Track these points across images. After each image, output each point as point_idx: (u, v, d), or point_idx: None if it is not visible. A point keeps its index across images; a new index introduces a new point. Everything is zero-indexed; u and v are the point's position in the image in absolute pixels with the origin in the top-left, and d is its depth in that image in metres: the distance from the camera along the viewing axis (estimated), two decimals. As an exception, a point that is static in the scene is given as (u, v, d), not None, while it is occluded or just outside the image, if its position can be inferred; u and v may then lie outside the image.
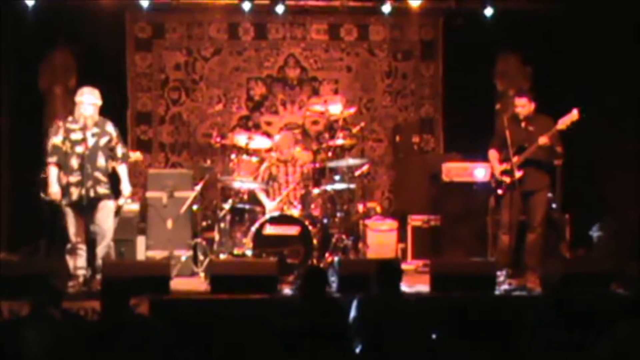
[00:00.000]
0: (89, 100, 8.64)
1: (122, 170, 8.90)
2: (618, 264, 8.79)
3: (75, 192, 8.58)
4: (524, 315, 7.71)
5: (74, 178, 8.58)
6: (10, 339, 5.91)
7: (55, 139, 8.66)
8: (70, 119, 8.75)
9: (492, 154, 9.45)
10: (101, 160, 8.68)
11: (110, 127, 8.80)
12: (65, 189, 8.61)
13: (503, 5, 11.32)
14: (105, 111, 8.92)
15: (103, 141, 8.71)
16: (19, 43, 11.03)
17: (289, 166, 9.99)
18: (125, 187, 8.89)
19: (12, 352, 5.87)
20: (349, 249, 9.72)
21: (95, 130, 8.67)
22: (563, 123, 9.02)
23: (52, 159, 8.65)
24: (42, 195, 9.24)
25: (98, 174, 8.64)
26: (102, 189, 8.67)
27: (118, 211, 9.06)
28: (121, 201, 9.03)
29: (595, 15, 10.65)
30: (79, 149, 8.58)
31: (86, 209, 8.62)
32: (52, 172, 8.65)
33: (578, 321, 6.19)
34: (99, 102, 8.72)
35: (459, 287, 8.36)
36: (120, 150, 8.85)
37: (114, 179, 8.87)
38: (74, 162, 8.59)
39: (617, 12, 10.34)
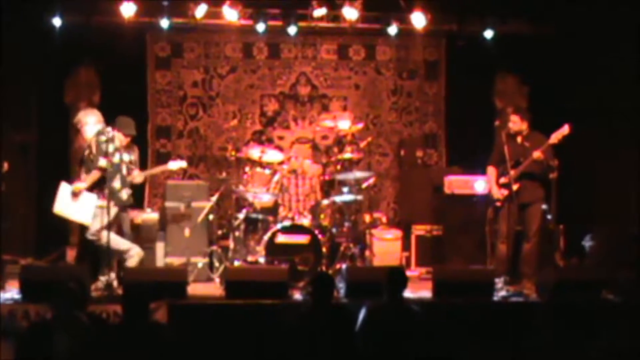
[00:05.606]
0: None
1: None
2: (609, 272, 8.98)
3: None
4: (520, 319, 8.15)
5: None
6: (40, 341, 6.13)
7: (111, 146, 9.07)
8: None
9: (490, 171, 9.67)
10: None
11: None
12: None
13: (502, 28, 11.48)
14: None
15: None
16: (46, 60, 11.36)
17: (299, 178, 10.21)
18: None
19: (43, 354, 6.09)
20: (356, 257, 9.93)
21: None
22: (555, 137, 9.26)
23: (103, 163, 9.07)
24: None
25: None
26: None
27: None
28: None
29: (590, 36, 10.91)
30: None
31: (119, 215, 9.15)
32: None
33: (571, 325, 6.53)
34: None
35: (460, 293, 8.53)
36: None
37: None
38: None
39: (611, 34, 10.59)
